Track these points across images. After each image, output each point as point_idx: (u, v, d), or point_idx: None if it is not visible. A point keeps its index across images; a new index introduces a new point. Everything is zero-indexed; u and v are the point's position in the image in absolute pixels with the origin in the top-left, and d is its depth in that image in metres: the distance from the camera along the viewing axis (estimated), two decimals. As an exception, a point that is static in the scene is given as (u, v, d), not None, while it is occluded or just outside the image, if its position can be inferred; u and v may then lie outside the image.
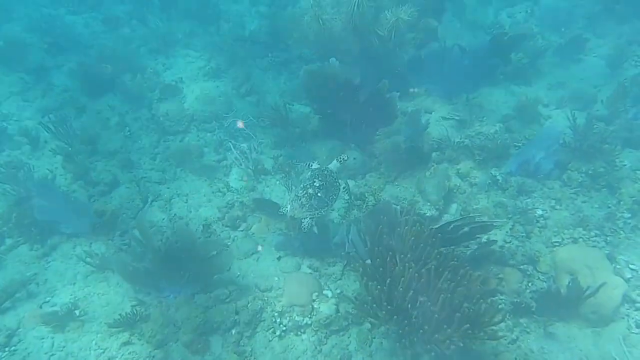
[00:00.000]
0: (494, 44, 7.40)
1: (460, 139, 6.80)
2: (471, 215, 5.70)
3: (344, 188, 5.50)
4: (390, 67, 7.83)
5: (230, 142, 7.78)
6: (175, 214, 6.64)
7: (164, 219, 6.61)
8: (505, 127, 7.23)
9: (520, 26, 9.14)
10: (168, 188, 7.14)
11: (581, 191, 5.92)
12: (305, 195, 5.22)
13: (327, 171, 5.47)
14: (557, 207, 5.78)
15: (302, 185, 5.39)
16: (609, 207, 5.55)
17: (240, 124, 7.81)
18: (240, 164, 7.31)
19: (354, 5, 7.13)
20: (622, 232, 5.20)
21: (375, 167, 6.94)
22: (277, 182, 7.10)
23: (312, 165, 5.70)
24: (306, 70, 7.18)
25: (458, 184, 6.37)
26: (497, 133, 6.75)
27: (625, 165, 5.87)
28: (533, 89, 7.87)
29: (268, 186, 7.10)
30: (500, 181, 6.20)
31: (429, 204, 6.05)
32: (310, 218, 5.25)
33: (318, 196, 5.21)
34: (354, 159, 6.88)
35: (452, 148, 6.70)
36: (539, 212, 5.65)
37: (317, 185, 5.26)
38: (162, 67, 9.32)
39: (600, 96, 7.26)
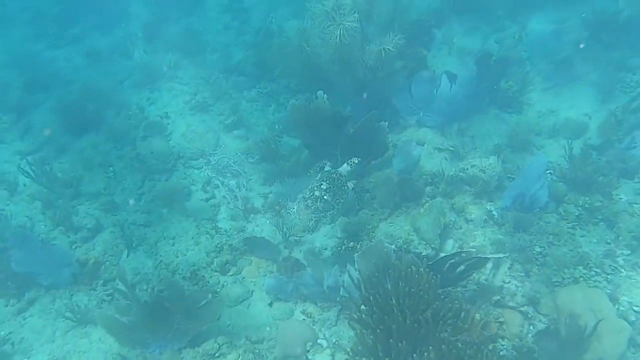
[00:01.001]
0: (481, 67, 7.50)
1: (454, 172, 6.79)
2: (465, 250, 5.65)
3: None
4: (380, 98, 7.88)
5: (218, 179, 7.73)
6: (161, 261, 6.50)
7: (149, 266, 6.47)
8: (498, 157, 7.25)
9: (509, 51, 9.28)
10: (154, 231, 7.02)
11: (579, 225, 5.91)
12: (312, 197, 5.40)
13: (337, 174, 5.66)
14: (556, 242, 5.76)
15: (309, 187, 5.56)
16: (608, 243, 5.54)
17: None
18: (229, 203, 7.23)
19: (338, 36, 7.18)
20: (622, 270, 5.18)
21: (369, 202, 6.89)
22: (268, 222, 7.01)
23: (324, 168, 5.87)
24: (293, 105, 7.20)
25: (453, 220, 6.34)
26: (490, 165, 6.76)
27: (621, 198, 5.90)
28: (524, 117, 7.94)
29: (258, 225, 7.02)
30: (495, 216, 6.19)
31: (424, 242, 6.00)
32: (315, 220, 5.39)
33: (324, 199, 5.39)
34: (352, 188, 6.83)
35: (446, 182, 6.70)
36: (537, 249, 5.63)
37: (325, 188, 5.45)
38: (147, 102, 9.30)
39: (592, 124, 7.35)
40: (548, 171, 6.70)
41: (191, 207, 7.26)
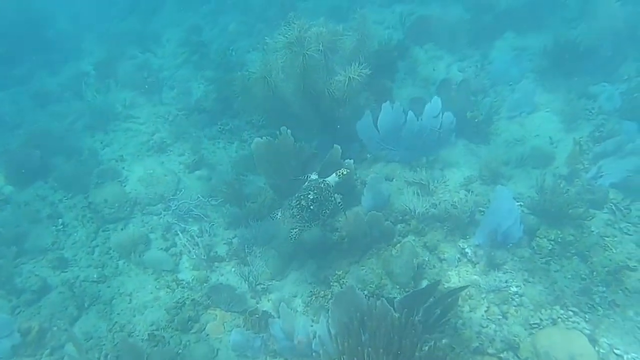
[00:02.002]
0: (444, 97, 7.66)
1: (425, 208, 6.78)
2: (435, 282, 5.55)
3: None
4: (347, 131, 7.86)
5: (179, 225, 7.45)
6: (116, 322, 6.11)
7: (103, 329, 6.07)
8: (468, 189, 7.31)
9: (473, 80, 9.53)
10: (109, 287, 6.65)
11: (552, 260, 5.95)
12: (298, 206, 5.49)
13: (324, 184, 5.75)
14: (531, 279, 5.77)
15: (296, 195, 5.64)
16: (583, 279, 5.58)
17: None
18: (191, 251, 6.95)
19: (301, 67, 7.13)
20: (600, 308, 5.20)
21: (338, 243, 6.76)
22: (233, 270, 6.77)
23: (310, 176, 5.97)
24: (257, 143, 7.06)
25: (427, 259, 6.28)
26: (461, 200, 6.78)
27: (592, 231, 5.99)
28: (491, 147, 8.08)
29: (223, 274, 6.76)
30: (469, 254, 6.17)
31: (398, 287, 5.90)
32: (298, 229, 5.47)
33: (310, 209, 5.46)
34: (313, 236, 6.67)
35: (417, 219, 6.66)
36: (513, 289, 5.61)
37: (312, 197, 5.52)
38: (101, 145, 8.98)
39: (558, 153, 7.53)
40: (518, 203, 6.81)
41: (150, 258, 6.94)
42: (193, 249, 6.98)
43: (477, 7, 10.88)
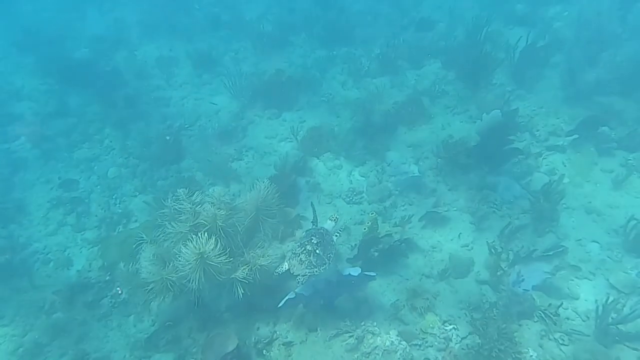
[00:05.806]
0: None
1: (358, 363, 6.42)
2: None
3: None
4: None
5: None
6: None
7: None
8: (398, 318, 7.10)
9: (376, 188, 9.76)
10: None
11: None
12: (304, 252, 5.88)
13: (323, 230, 6.22)
14: None
15: (299, 243, 6.08)
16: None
17: None
18: None
19: (199, 264, 6.27)
20: None
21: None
22: None
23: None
24: None
25: None
26: (393, 344, 6.52)
27: (532, 356, 5.97)
28: (410, 261, 8.08)
29: None
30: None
31: None
32: (308, 276, 5.83)
33: (317, 253, 5.88)
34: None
35: (351, 379, 6.23)
36: None
37: (315, 242, 5.95)
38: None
39: (476, 256, 7.74)
40: (451, 327, 6.78)
41: None
42: None
43: (363, 109, 11.42)
